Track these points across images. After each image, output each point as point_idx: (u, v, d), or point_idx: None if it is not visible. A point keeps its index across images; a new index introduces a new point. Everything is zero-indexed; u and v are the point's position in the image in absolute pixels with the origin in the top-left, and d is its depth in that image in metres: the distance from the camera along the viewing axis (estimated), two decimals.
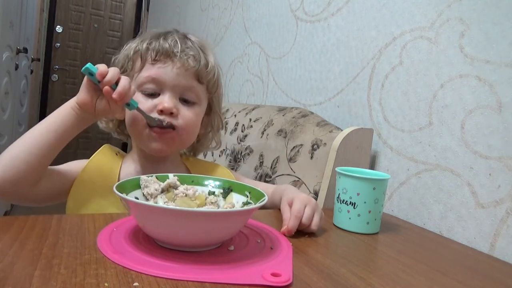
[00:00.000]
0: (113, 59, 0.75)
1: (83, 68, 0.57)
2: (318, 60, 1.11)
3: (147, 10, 3.57)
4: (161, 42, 0.69)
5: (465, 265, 0.55)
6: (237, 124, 1.21)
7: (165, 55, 0.68)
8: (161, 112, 0.67)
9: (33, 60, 2.91)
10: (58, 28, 3.73)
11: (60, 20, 3.74)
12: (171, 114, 0.67)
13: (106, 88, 0.57)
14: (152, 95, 0.69)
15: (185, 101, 0.70)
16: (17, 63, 2.30)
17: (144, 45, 0.70)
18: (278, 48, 1.32)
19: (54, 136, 0.59)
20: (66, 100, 0.60)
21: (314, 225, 0.56)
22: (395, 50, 0.86)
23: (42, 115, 3.68)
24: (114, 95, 0.57)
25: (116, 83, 0.58)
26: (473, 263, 0.57)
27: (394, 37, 0.86)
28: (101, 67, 0.58)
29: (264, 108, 1.16)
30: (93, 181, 0.67)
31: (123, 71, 0.72)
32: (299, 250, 0.50)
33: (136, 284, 0.36)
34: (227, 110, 1.31)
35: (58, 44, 3.74)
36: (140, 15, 3.86)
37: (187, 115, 0.69)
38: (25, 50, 2.42)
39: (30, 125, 3.11)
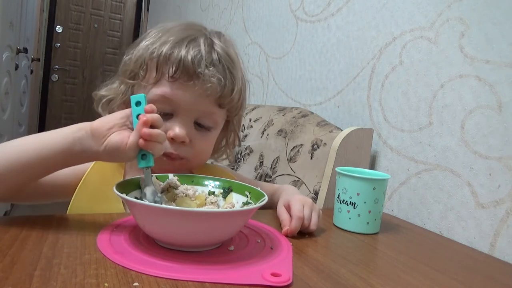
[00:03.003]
0: (124, 59, 0.65)
1: (132, 96, 0.50)
2: (318, 60, 1.11)
3: (147, 10, 3.57)
4: (183, 54, 0.58)
5: (465, 265, 0.55)
6: None
7: (186, 74, 0.58)
8: (172, 139, 0.59)
9: (33, 60, 2.91)
10: (58, 28, 3.73)
11: (60, 20, 3.75)
12: (182, 142, 0.60)
13: (145, 119, 0.47)
14: (165, 114, 0.60)
15: (199, 125, 0.62)
16: (17, 63, 2.30)
17: (163, 52, 0.59)
18: (278, 48, 1.32)
19: (37, 160, 0.49)
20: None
21: (313, 224, 0.57)
22: (395, 50, 0.86)
23: (42, 115, 3.68)
24: (146, 131, 0.46)
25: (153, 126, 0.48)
26: (473, 263, 0.57)
27: (394, 37, 0.86)
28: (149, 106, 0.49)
29: (264, 108, 1.16)
30: (96, 187, 0.62)
31: (133, 77, 0.62)
32: (299, 250, 0.50)
33: (136, 284, 0.36)
34: None
35: (58, 44, 3.74)
36: (140, 15, 3.86)
37: (199, 145, 0.62)
38: (25, 50, 2.42)
39: (30, 125, 3.11)
